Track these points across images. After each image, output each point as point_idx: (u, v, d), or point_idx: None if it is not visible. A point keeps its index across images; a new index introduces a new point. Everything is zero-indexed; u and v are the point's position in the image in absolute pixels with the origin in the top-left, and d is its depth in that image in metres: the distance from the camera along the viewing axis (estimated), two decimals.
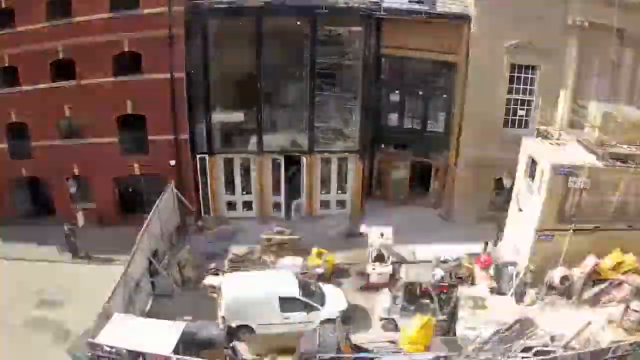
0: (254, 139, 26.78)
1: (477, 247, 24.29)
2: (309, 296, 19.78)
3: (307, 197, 28.04)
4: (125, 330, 16.85)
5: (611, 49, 25.49)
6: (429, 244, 24.62)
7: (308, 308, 19.48)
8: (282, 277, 20.66)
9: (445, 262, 22.91)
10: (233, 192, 28.09)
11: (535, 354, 17.03)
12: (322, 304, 19.81)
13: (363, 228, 24.56)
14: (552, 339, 17.95)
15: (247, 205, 28.24)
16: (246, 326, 19.19)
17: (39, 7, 23.86)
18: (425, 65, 26.40)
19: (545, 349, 17.22)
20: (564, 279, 21.20)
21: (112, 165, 26.21)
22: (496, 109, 26.20)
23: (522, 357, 16.94)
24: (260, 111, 26.11)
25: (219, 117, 26.54)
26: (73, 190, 24.43)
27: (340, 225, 26.76)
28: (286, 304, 19.26)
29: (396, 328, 19.63)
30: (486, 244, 24.62)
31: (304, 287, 20.07)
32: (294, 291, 19.56)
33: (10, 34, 24.42)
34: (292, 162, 27.62)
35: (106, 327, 16.88)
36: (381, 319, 20.29)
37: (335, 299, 20.51)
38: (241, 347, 18.42)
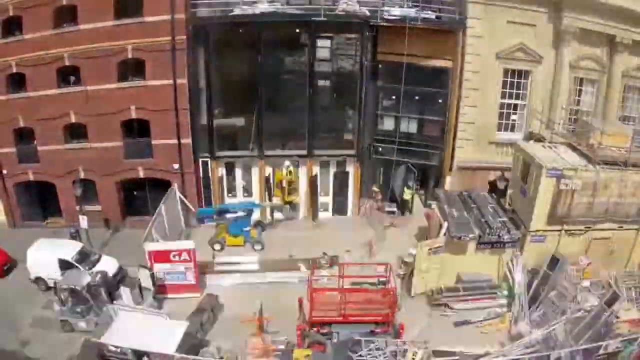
0: (254, 144, 27.30)
1: None
2: (81, 261, 22.74)
3: (306, 200, 28.62)
4: (130, 329, 17.38)
5: (602, 54, 26.25)
6: None
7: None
8: (68, 246, 23.76)
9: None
10: (235, 195, 28.70)
11: None
12: (91, 268, 22.50)
13: None
14: None
15: None
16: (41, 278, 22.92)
17: (45, 15, 24.36)
18: (421, 71, 26.72)
19: None
20: None
21: (117, 168, 26.82)
22: (490, 113, 26.81)
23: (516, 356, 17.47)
24: (260, 116, 26.61)
25: (220, 122, 27.07)
26: (78, 193, 24.93)
27: None
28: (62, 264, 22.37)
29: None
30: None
31: (81, 254, 23.13)
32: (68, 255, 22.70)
33: (17, 41, 24.97)
34: None
35: (111, 326, 17.43)
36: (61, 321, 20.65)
37: (108, 265, 22.99)
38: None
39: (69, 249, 23.25)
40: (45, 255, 22.87)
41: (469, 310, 21.32)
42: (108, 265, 23.09)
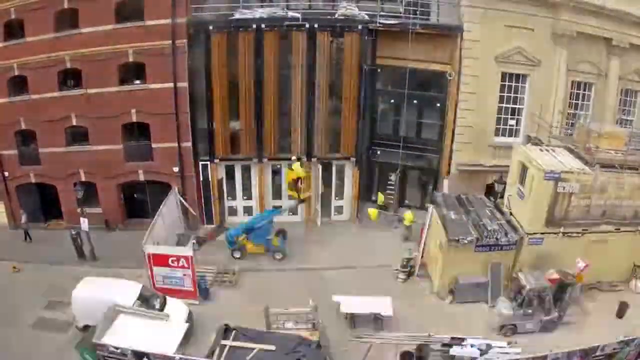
0: (254, 146, 27.45)
1: None
2: (146, 304, 19.86)
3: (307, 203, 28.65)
4: (130, 330, 17.40)
5: (599, 57, 26.40)
6: None
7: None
8: (122, 287, 20.48)
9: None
10: (234, 198, 28.89)
11: None
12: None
13: None
14: None
15: (248, 210, 28.96)
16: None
17: (47, 19, 24.58)
18: (419, 75, 26.92)
19: None
20: None
21: (118, 171, 27.01)
22: (488, 117, 26.91)
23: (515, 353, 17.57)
24: (260, 119, 26.81)
25: (220, 125, 27.02)
26: (79, 195, 25.10)
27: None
28: None
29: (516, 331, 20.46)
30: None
31: (142, 298, 20.02)
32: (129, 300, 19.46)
33: (19, 44, 25.18)
34: None
35: (111, 327, 17.52)
36: (502, 327, 20.50)
37: (176, 309, 20.29)
38: None
39: (126, 292, 19.96)
40: (96, 299, 19.13)
41: None
42: (176, 308, 20.40)
